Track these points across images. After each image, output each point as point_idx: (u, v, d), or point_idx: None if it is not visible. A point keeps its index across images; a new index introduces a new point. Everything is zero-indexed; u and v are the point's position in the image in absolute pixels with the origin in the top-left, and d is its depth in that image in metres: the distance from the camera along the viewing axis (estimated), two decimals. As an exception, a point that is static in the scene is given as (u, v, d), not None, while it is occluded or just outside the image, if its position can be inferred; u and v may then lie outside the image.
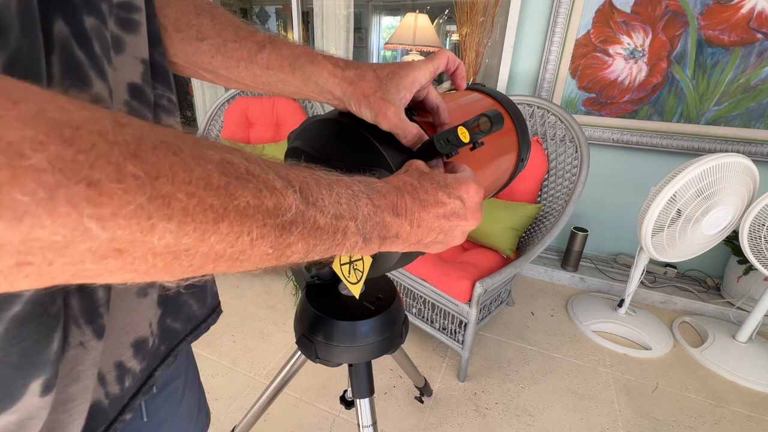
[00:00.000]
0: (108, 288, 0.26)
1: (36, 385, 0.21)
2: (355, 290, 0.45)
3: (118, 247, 0.15)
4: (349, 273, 0.43)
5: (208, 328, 0.41)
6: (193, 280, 0.19)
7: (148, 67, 0.30)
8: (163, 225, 0.15)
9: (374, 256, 0.42)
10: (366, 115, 0.35)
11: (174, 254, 0.16)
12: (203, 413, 0.50)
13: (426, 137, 0.36)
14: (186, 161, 0.16)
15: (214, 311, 0.42)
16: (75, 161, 0.13)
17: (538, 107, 1.48)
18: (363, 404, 0.73)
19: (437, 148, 0.34)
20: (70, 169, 0.13)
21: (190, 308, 0.38)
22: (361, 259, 0.41)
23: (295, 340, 0.66)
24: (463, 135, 0.32)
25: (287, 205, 0.20)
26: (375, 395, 0.91)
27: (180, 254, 0.17)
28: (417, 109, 0.41)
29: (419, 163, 0.33)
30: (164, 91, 0.32)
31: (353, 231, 0.24)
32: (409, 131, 0.35)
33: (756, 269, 1.41)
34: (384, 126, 0.35)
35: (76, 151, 0.13)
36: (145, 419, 0.37)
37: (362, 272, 0.42)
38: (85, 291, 0.24)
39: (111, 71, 0.25)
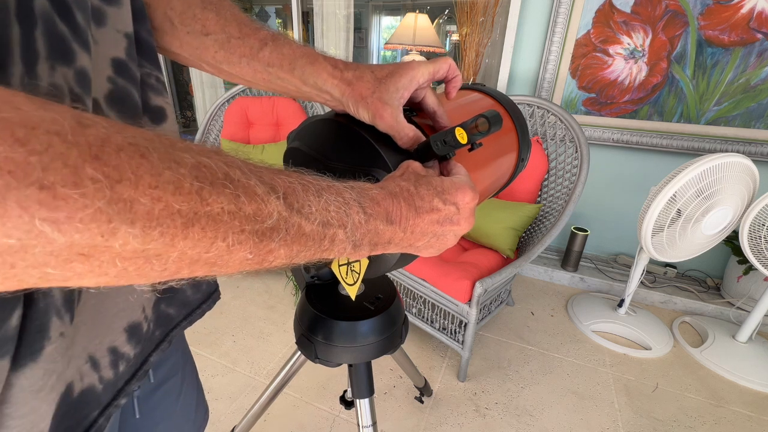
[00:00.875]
0: None
1: (5, 363, 0.20)
2: (352, 291, 0.45)
3: (81, 252, 0.14)
4: (347, 274, 0.43)
5: (204, 314, 0.41)
6: (172, 283, 0.19)
7: (133, 42, 0.29)
8: (125, 229, 0.15)
9: (371, 258, 0.42)
10: (363, 116, 0.35)
11: (145, 258, 0.16)
12: (201, 409, 0.50)
13: (423, 139, 0.36)
14: (154, 164, 0.16)
15: (210, 297, 0.41)
16: (27, 163, 0.12)
17: (538, 107, 1.48)
18: (363, 404, 0.73)
19: (434, 150, 0.34)
20: (22, 171, 0.12)
21: (184, 294, 0.37)
22: (358, 261, 0.41)
23: (295, 340, 0.66)
24: (461, 136, 0.32)
25: (268, 212, 0.20)
26: (375, 395, 0.91)
27: (151, 258, 0.16)
28: (417, 110, 0.41)
29: (415, 165, 0.32)
30: (152, 70, 0.31)
31: (342, 238, 0.24)
32: (405, 133, 0.35)
33: (756, 269, 1.41)
34: (381, 127, 0.35)
35: (29, 152, 0.12)
36: (137, 416, 0.37)
37: (359, 274, 0.42)
38: None
39: (92, 44, 0.25)
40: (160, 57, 0.34)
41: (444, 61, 0.38)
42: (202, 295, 0.40)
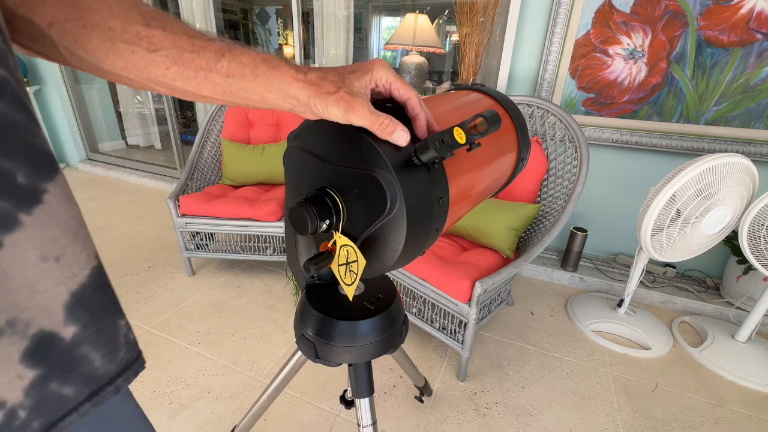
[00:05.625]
0: None
1: None
2: (349, 292, 0.45)
3: None
4: (345, 274, 0.44)
5: (119, 391, 0.31)
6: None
7: None
8: None
9: (369, 257, 0.42)
10: (335, 114, 0.35)
11: None
12: None
13: (398, 122, 0.36)
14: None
15: (128, 368, 0.31)
16: None
17: (537, 107, 1.48)
18: (363, 404, 0.73)
19: (432, 150, 0.34)
20: None
21: (91, 364, 0.28)
22: (356, 261, 0.41)
23: (295, 339, 0.67)
24: (459, 136, 0.32)
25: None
26: (375, 395, 0.91)
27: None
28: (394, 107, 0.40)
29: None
30: None
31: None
32: (381, 121, 0.35)
33: (755, 269, 1.41)
34: (356, 121, 0.35)
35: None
36: None
37: (356, 274, 0.42)
38: None
39: None
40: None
41: (406, 90, 0.38)
42: (116, 366, 0.30)
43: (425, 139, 0.35)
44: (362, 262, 0.41)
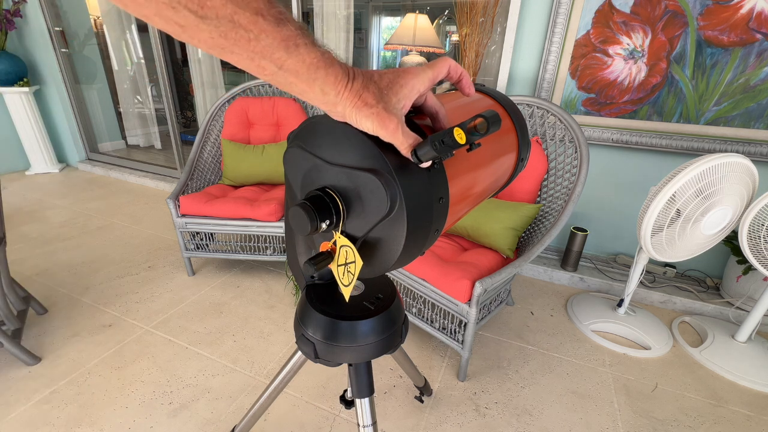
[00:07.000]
0: None
1: None
2: (346, 292, 0.46)
3: None
4: (343, 275, 0.44)
5: None
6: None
7: None
8: None
9: (369, 257, 0.42)
10: (366, 126, 0.35)
11: None
12: None
13: None
14: None
15: None
16: None
17: (537, 107, 1.48)
18: (363, 404, 0.73)
19: (432, 150, 0.34)
20: None
21: None
22: (354, 262, 0.41)
23: (295, 339, 0.67)
24: (459, 136, 0.32)
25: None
26: (375, 395, 0.91)
27: None
28: (416, 111, 0.41)
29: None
30: None
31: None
32: (409, 143, 0.35)
33: (755, 269, 1.41)
34: (386, 138, 0.35)
35: None
36: None
37: (353, 275, 0.42)
38: None
39: None
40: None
41: (443, 64, 0.38)
42: None
43: (425, 140, 0.35)
44: (359, 263, 0.41)
